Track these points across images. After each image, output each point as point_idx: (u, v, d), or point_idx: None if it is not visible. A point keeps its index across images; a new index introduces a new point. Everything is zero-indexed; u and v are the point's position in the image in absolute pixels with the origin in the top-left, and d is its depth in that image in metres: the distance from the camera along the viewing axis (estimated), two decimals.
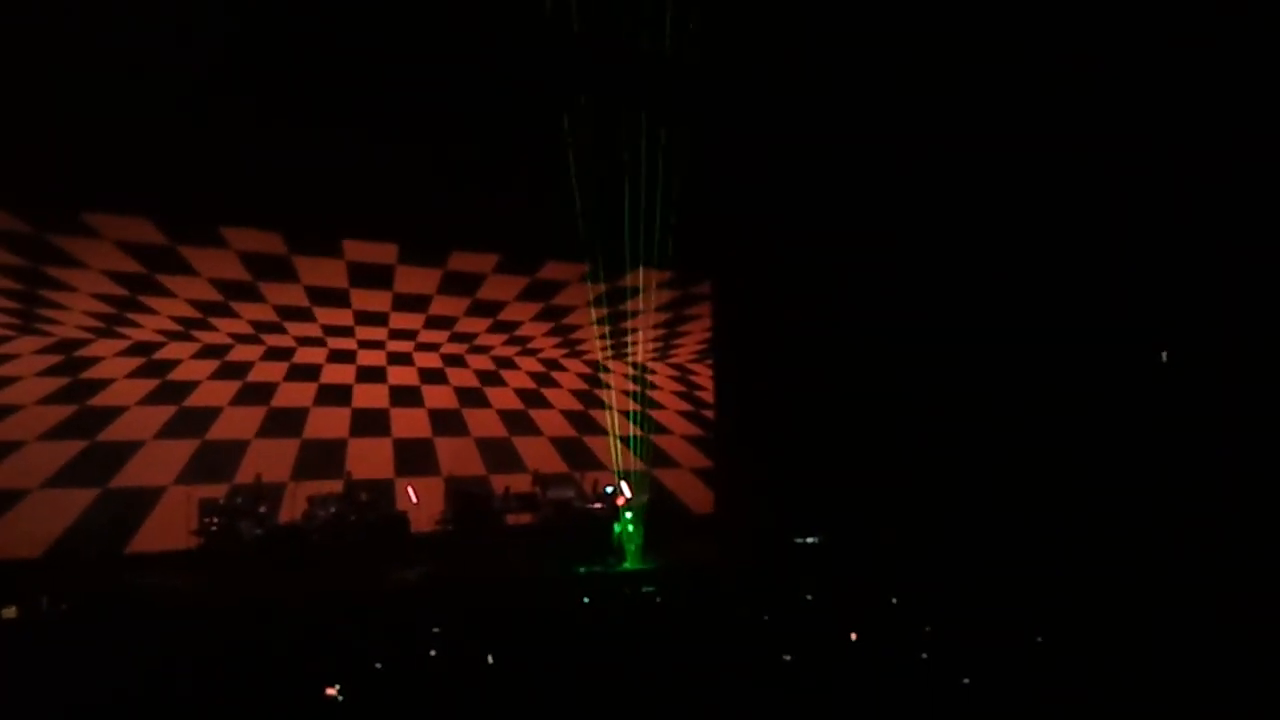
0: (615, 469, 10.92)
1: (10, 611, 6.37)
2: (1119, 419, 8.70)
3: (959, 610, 6.22)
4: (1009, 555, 8.19)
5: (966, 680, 4.34)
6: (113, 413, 9.15)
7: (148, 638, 5.66)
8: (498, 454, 11.26)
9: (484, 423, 11.40)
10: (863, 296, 11.07)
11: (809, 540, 9.92)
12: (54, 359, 8.96)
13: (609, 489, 10.27)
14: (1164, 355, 8.57)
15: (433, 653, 5.00)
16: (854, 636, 5.28)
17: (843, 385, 11.14)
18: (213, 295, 9.85)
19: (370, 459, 10.35)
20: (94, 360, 9.19)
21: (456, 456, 10.95)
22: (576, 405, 12.17)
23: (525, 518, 10.11)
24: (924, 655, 4.86)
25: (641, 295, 11.96)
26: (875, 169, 10.22)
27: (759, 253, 12.09)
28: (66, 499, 8.64)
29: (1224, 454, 7.89)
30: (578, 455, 11.75)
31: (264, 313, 10.19)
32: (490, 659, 4.79)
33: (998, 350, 9.59)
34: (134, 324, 9.46)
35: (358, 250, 10.72)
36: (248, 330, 10.10)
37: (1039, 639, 5.18)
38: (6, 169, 8.27)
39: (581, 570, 8.70)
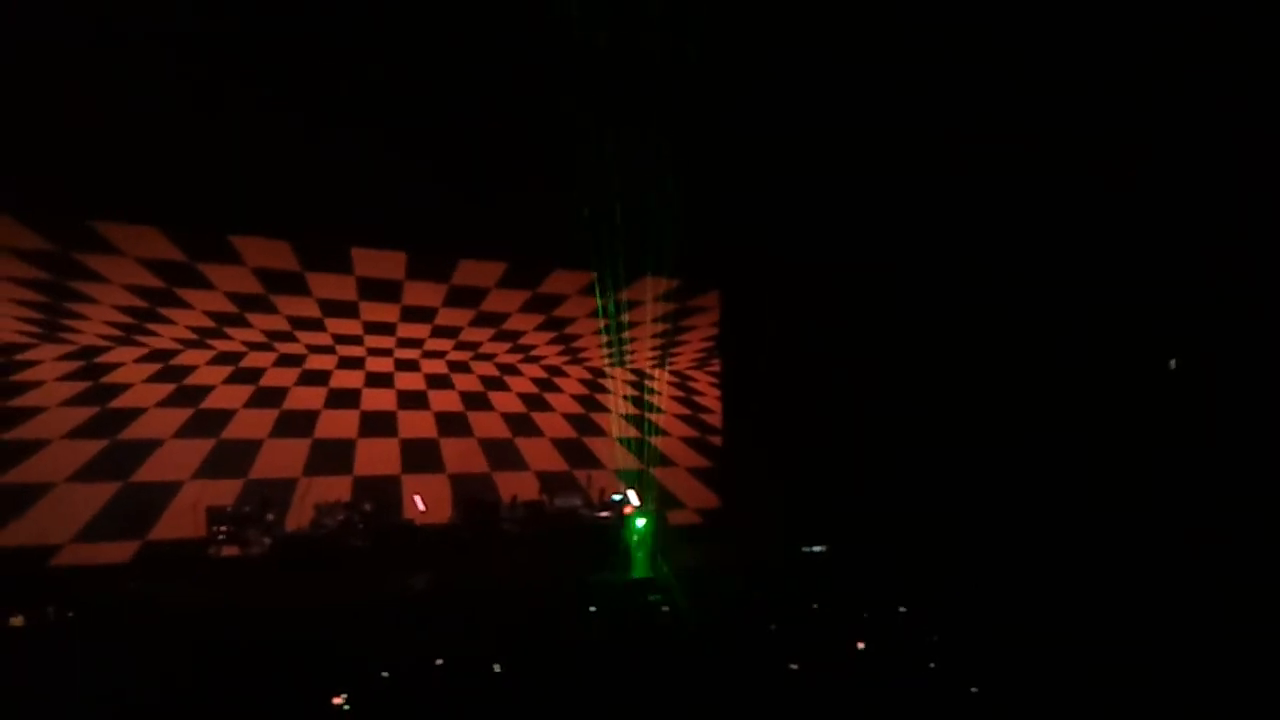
0: (618, 470, 10.97)
1: (17, 620, 6.39)
2: (1128, 426, 8.66)
3: (967, 619, 6.19)
4: (1017, 564, 8.15)
5: (974, 689, 4.32)
6: (132, 414, 9.52)
7: (154, 646, 5.67)
8: (501, 454, 11.55)
9: (488, 424, 11.71)
10: (871, 304, 11.07)
11: (816, 549, 9.89)
12: (75, 364, 9.36)
13: (616, 497, 10.26)
14: (1172, 363, 8.53)
15: (439, 661, 5.00)
16: (861, 646, 5.27)
17: (851, 394, 11.12)
18: (228, 307, 10.20)
19: (378, 458, 10.70)
20: (114, 366, 9.59)
21: (461, 456, 11.22)
22: (578, 409, 12.45)
23: (533, 526, 10.09)
24: (932, 664, 4.85)
25: (646, 303, 12.03)
26: (885, 175, 10.21)
27: (767, 261, 12.10)
28: (90, 492, 9.04)
29: (1234, 460, 7.84)
30: (579, 456, 12.00)
31: (277, 323, 10.52)
32: (497, 668, 4.80)
33: (1006, 357, 9.56)
34: (152, 333, 9.83)
35: (366, 263, 10.97)
36: (261, 339, 10.45)
37: (1047, 648, 5.16)
38: (14, 180, 8.45)
39: (589, 579, 8.69)
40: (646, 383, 12.79)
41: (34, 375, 9.10)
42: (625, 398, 12.52)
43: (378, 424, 10.92)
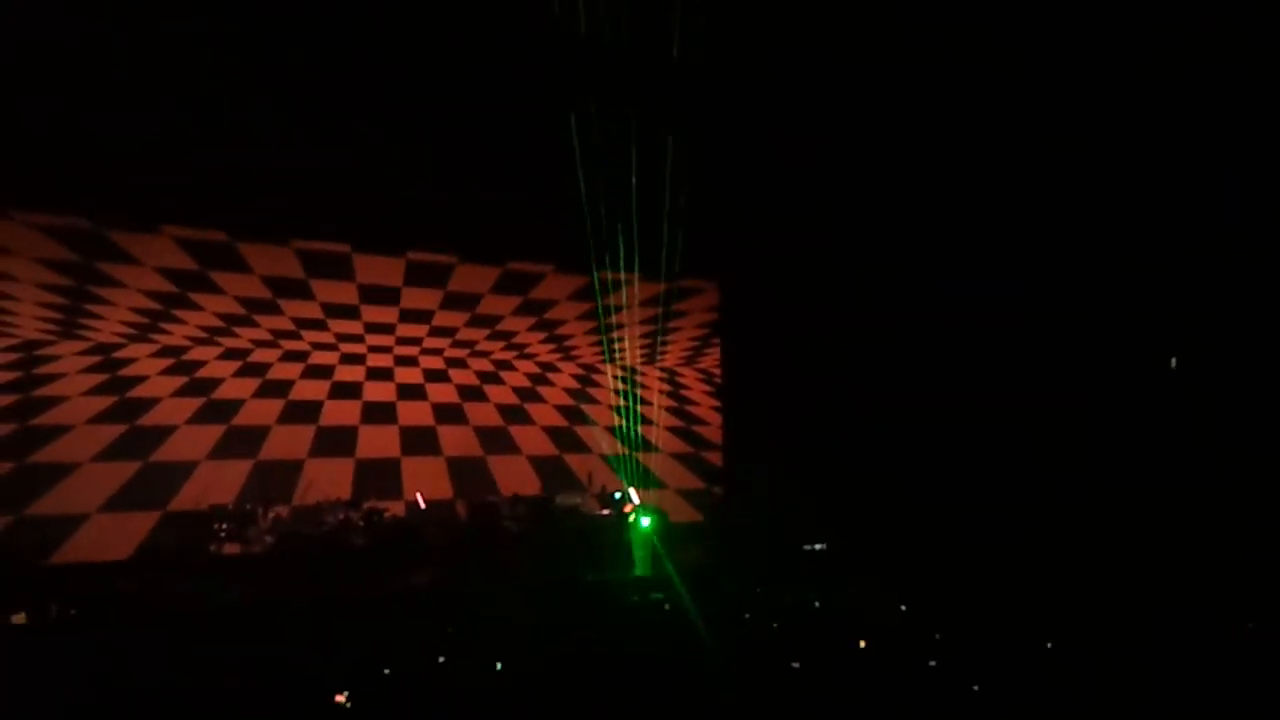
0: (604, 455, 11.36)
1: (20, 617, 6.39)
2: (1130, 424, 8.65)
3: (969, 617, 6.19)
4: (1019, 561, 8.15)
5: (976, 687, 4.32)
6: (148, 404, 10.17)
7: (156, 643, 5.68)
8: (496, 440, 12.14)
9: (483, 414, 12.36)
10: (873, 300, 11.05)
11: (817, 547, 9.89)
12: (94, 359, 10.02)
13: (617, 495, 10.26)
14: (1173, 361, 8.53)
15: (441, 659, 5.00)
16: (863, 644, 5.27)
17: (852, 390, 11.11)
18: (237, 309, 10.77)
19: (378, 443, 11.31)
20: (129, 361, 10.23)
21: (457, 442, 11.80)
22: (569, 401, 13.01)
23: (534, 524, 10.10)
24: (933, 662, 4.84)
25: (642, 302, 12.11)
26: (885, 169, 10.19)
27: (766, 257, 12.08)
28: (111, 471, 9.64)
29: (1235, 459, 7.84)
30: (571, 443, 12.50)
31: (283, 323, 11.12)
32: (499, 666, 4.80)
33: (1010, 354, 9.55)
34: (165, 331, 10.45)
35: (367, 271, 11.41)
36: (268, 337, 11.09)
37: (1049, 645, 5.16)
38: (25, 184, 8.76)
39: (590, 577, 8.69)
40: (637, 378, 12.89)
41: (58, 368, 9.77)
42: (617, 391, 12.71)
43: (378, 413, 11.54)
